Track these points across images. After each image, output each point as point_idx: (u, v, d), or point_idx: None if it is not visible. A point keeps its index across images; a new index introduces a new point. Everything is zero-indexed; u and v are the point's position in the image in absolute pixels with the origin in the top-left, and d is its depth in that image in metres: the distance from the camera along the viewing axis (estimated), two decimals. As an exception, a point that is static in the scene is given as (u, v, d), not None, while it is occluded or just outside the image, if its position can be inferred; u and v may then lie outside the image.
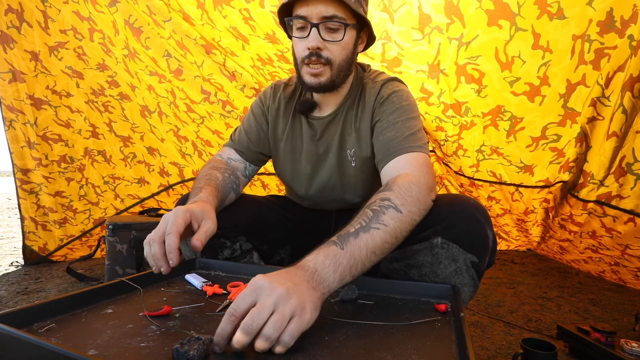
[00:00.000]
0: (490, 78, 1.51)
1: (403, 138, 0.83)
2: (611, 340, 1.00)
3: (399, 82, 0.95)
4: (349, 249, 0.58)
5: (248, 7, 1.63)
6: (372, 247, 0.61)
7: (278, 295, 0.47)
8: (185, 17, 1.81)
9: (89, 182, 2.15)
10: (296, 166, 1.02)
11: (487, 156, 1.77)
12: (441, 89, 1.66)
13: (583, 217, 1.59)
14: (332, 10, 0.81)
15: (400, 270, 0.80)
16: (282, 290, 0.47)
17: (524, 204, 1.87)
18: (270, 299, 0.47)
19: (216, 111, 2.19)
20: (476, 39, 1.42)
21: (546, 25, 1.29)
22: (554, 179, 1.61)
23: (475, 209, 0.76)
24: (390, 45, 1.59)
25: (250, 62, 1.95)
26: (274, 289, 0.48)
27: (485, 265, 0.78)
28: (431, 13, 1.43)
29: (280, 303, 0.47)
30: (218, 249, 0.95)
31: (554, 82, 1.40)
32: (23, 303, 1.46)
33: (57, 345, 0.41)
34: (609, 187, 1.41)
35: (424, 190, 0.73)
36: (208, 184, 0.87)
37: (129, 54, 2.00)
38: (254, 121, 1.04)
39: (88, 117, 2.09)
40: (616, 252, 1.61)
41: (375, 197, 0.70)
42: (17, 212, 4.29)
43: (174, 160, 2.35)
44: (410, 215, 0.68)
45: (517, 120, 1.57)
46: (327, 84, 0.87)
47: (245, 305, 0.47)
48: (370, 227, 0.62)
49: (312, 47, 0.83)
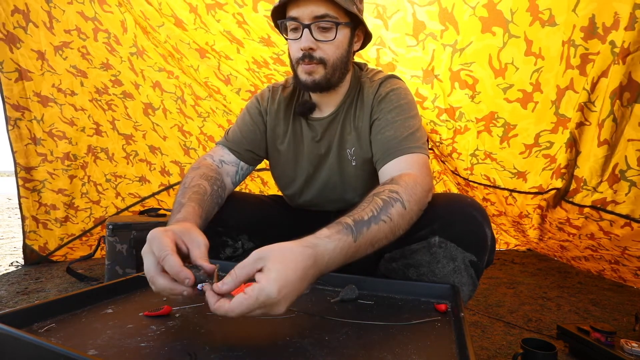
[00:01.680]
0: (484, 84, 1.52)
1: (402, 138, 0.83)
2: (611, 340, 1.00)
3: (397, 79, 0.95)
4: (359, 242, 0.59)
5: (241, 12, 1.64)
6: (375, 241, 0.62)
7: (274, 308, 0.48)
8: (177, 23, 1.82)
9: (91, 179, 2.17)
10: (297, 168, 1.02)
11: (481, 160, 1.78)
12: (435, 94, 1.67)
13: (580, 221, 1.59)
14: (323, 10, 0.81)
15: (398, 269, 0.80)
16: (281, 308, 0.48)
17: (518, 209, 1.88)
18: (266, 310, 0.48)
19: (219, 107, 2.24)
20: (470, 46, 1.43)
21: (538, 32, 1.30)
22: (547, 185, 1.62)
23: (473, 207, 0.76)
24: (384, 50, 1.60)
25: (246, 65, 1.96)
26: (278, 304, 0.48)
27: (484, 264, 0.78)
28: (425, 20, 1.44)
29: (269, 308, 0.48)
30: (220, 247, 0.95)
31: (546, 89, 1.42)
32: (23, 303, 1.46)
33: (57, 345, 0.41)
34: (603, 194, 1.42)
35: (425, 192, 0.73)
36: (191, 201, 0.77)
37: (136, 51, 2.04)
38: (249, 121, 1.02)
39: (92, 115, 2.12)
40: (616, 252, 1.62)
41: (383, 187, 0.70)
42: (17, 212, 4.30)
43: (175, 159, 2.37)
44: (411, 214, 0.69)
45: (511, 127, 1.58)
46: (321, 82, 0.86)
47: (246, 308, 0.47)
48: (380, 218, 0.63)
49: (304, 47, 0.83)
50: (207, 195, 0.82)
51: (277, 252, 0.50)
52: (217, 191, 0.88)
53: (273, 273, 0.48)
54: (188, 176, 0.86)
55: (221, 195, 0.91)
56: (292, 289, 0.49)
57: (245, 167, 1.01)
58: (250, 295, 0.47)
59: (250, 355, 0.46)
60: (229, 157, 0.98)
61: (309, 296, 0.68)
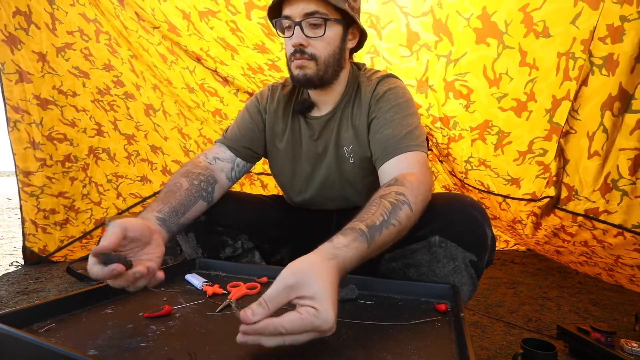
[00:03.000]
0: (478, 94, 1.52)
1: (401, 136, 0.84)
2: (611, 340, 1.00)
3: (395, 78, 0.96)
4: (371, 248, 0.60)
5: (235, 19, 1.64)
6: (383, 245, 0.63)
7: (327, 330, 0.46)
8: (171, 28, 1.82)
9: (92, 181, 2.17)
10: (296, 167, 1.02)
11: (475, 167, 1.79)
12: (430, 103, 1.67)
13: (574, 229, 1.60)
14: (313, 7, 0.82)
15: (399, 269, 0.81)
16: (333, 327, 0.46)
17: (512, 214, 1.89)
18: (318, 334, 0.46)
19: (209, 118, 2.25)
20: (464, 57, 1.44)
21: (532, 43, 1.31)
22: (540, 193, 1.63)
23: (473, 207, 0.76)
24: (378, 59, 1.61)
25: (241, 70, 1.96)
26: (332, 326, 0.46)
27: (484, 264, 0.78)
28: (419, 31, 1.44)
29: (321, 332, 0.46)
30: (220, 247, 0.95)
31: (540, 98, 1.42)
32: (23, 303, 1.46)
33: (57, 345, 0.41)
34: (595, 203, 1.43)
35: (428, 192, 0.74)
36: (163, 201, 0.80)
37: (134, 54, 2.04)
38: (248, 119, 1.03)
39: (94, 116, 2.12)
40: (609, 260, 1.62)
41: (389, 189, 0.70)
42: (17, 212, 4.30)
43: (176, 158, 2.38)
44: (416, 215, 0.69)
45: (505, 135, 1.59)
46: (313, 77, 0.87)
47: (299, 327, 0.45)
48: (390, 222, 0.63)
49: (295, 44, 0.85)
50: (182, 190, 0.84)
51: (312, 273, 0.48)
52: (199, 185, 0.89)
53: (322, 299, 0.46)
54: (173, 176, 0.90)
55: (206, 188, 0.91)
56: (333, 306, 0.47)
57: (242, 163, 1.01)
58: (306, 317, 0.45)
59: (250, 355, 0.46)
60: (225, 154, 0.99)
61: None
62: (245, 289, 0.70)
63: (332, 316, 0.45)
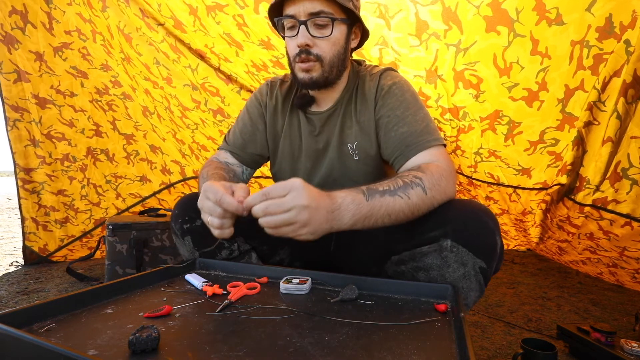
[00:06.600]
0: (488, 83, 1.51)
1: (419, 132, 0.84)
2: (611, 340, 1.00)
3: (395, 71, 0.96)
4: (372, 202, 0.66)
5: (242, 14, 1.63)
6: (390, 210, 0.68)
7: (300, 204, 0.58)
8: (176, 25, 1.81)
9: (90, 182, 2.16)
10: (295, 163, 1.01)
11: (485, 158, 1.78)
12: (439, 94, 1.66)
13: (580, 220, 1.59)
14: (318, 6, 0.81)
15: (407, 273, 0.79)
16: (305, 203, 0.58)
17: (522, 205, 1.87)
18: (294, 201, 0.58)
19: (209, 119, 2.22)
20: (474, 45, 1.42)
21: (545, 31, 1.29)
22: (552, 181, 1.62)
23: (486, 214, 0.75)
24: (387, 50, 1.59)
25: (245, 68, 1.95)
26: (302, 196, 0.58)
27: (492, 272, 0.77)
28: (428, 20, 1.43)
29: (296, 209, 0.58)
30: (216, 249, 0.95)
31: (553, 88, 1.40)
32: (23, 303, 1.46)
33: (57, 345, 0.41)
34: (604, 193, 1.41)
35: (452, 183, 0.76)
36: (215, 177, 0.87)
37: (125, 57, 2.02)
38: (249, 121, 1.03)
39: (92, 116, 2.11)
40: (614, 253, 1.61)
41: (409, 172, 0.75)
42: (17, 212, 4.29)
43: (175, 158, 2.37)
44: (431, 200, 0.72)
45: (515, 125, 1.57)
46: (319, 79, 0.87)
47: (277, 193, 0.59)
48: (396, 193, 0.69)
49: (300, 44, 0.83)
50: (227, 179, 0.90)
51: (301, 182, 0.60)
52: (233, 179, 0.96)
53: (300, 189, 0.59)
54: (204, 170, 0.93)
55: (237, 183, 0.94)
56: (316, 214, 0.59)
57: (249, 169, 1.04)
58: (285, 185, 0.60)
59: (250, 355, 0.46)
60: (232, 160, 1.02)
61: (309, 296, 0.68)
62: (245, 289, 0.70)
63: (305, 197, 0.58)
